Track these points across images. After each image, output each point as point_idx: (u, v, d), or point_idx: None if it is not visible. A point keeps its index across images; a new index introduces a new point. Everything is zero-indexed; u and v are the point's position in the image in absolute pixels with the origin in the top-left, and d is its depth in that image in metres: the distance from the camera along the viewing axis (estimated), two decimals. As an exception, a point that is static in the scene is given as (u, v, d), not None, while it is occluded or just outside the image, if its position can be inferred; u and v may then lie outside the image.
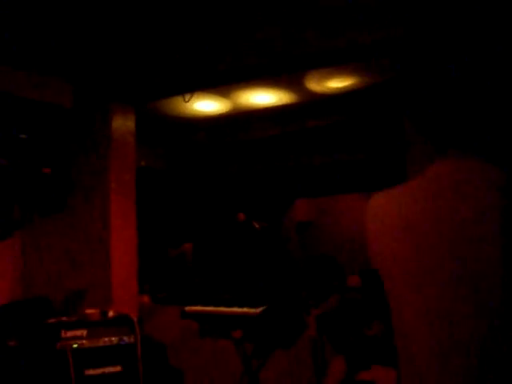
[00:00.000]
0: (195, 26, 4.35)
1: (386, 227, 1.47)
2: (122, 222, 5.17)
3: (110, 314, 3.96)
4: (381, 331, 3.16)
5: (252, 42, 4.24)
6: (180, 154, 7.89)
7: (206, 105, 6.32)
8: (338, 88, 6.14)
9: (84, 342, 3.69)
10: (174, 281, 6.54)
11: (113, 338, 3.76)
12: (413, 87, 1.71)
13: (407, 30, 4.04)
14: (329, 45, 4.13)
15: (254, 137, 7.54)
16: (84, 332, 3.72)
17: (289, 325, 4.58)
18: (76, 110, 5.12)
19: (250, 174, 8.23)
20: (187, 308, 4.74)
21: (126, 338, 3.80)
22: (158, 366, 4.10)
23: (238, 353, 4.60)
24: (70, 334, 3.68)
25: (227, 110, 6.59)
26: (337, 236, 8.43)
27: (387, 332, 3.10)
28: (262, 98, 6.23)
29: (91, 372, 3.64)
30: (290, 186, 8.41)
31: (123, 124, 5.31)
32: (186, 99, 5.13)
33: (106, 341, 3.74)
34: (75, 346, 3.63)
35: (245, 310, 4.55)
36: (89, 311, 3.89)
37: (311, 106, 6.70)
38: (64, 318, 3.86)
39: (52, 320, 3.79)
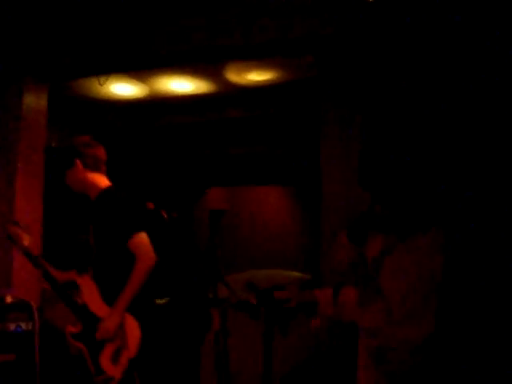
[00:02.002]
0: (115, 10, 4.25)
1: None
2: (27, 204, 5.01)
3: (8, 299, 3.83)
4: None
5: (175, 29, 4.17)
6: (94, 137, 7.68)
7: (123, 88, 6.19)
8: (257, 81, 6.14)
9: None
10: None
11: (9, 325, 3.63)
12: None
13: (334, 29, 4.09)
14: (251, 38, 4.12)
15: (171, 124, 7.46)
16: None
17: (193, 319, 4.57)
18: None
19: (164, 160, 8.13)
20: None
21: (23, 325, 3.68)
22: (58, 354, 3.98)
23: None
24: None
25: (144, 95, 6.48)
26: (249, 227, 8.46)
27: None
28: (181, 85, 6.16)
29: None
30: (204, 174, 8.37)
31: (35, 103, 5.13)
32: (101, 82, 5.00)
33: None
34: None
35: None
36: (-16, 296, 3.76)
37: (230, 96, 6.68)
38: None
39: None
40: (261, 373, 3.48)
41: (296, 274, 5.84)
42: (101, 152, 3.57)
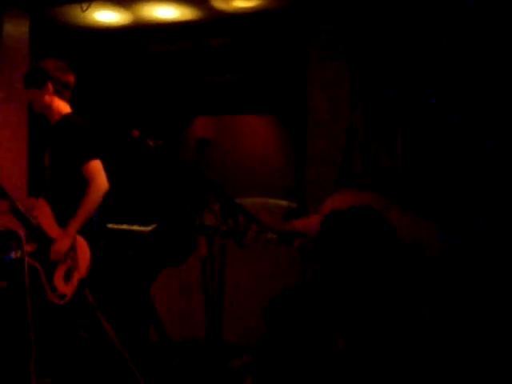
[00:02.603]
0: None
1: None
2: (11, 133, 4.99)
3: (-4, 229, 3.87)
4: None
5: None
6: (79, 65, 7.56)
7: (106, 15, 6.06)
8: (243, 7, 6.03)
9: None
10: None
11: (-1, 254, 3.69)
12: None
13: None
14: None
15: (155, 51, 7.35)
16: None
17: (179, 243, 4.65)
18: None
19: (150, 88, 8.04)
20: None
21: (12, 254, 3.74)
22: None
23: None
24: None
25: (128, 22, 6.34)
26: (234, 156, 8.46)
27: None
28: (165, 12, 6.05)
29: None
30: (190, 103, 8.29)
31: (16, 31, 5.06)
32: (84, 8, 4.91)
33: (-11, 256, 3.67)
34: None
35: (135, 227, 4.57)
36: (-28, 225, 3.80)
37: (216, 23, 6.57)
38: None
39: None
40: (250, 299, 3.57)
41: (282, 202, 5.90)
42: (72, 80, 3.62)
